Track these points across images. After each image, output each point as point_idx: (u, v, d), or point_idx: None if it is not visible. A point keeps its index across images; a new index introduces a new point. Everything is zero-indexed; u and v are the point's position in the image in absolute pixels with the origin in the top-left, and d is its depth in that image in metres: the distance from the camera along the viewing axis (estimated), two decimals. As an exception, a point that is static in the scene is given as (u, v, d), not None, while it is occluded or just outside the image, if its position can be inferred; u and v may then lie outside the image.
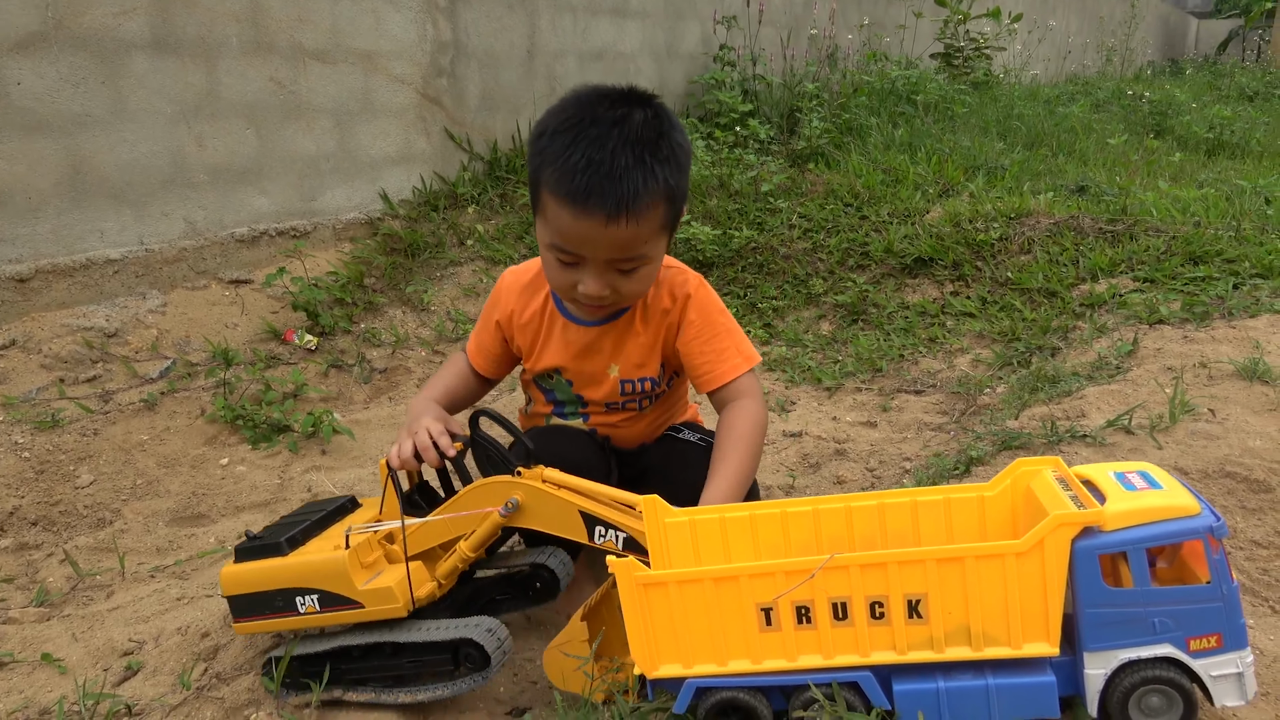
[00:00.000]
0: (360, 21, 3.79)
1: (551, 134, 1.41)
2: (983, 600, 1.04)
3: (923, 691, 1.06)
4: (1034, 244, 3.49)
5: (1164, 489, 1.05)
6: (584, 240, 1.42)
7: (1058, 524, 1.01)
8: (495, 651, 1.38)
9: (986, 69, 7.10)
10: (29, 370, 2.81)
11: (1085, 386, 2.28)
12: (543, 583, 1.57)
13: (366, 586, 1.43)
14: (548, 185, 1.41)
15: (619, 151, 1.37)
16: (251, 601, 1.48)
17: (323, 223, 3.77)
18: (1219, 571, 1.01)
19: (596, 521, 1.35)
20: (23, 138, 2.83)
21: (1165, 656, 1.02)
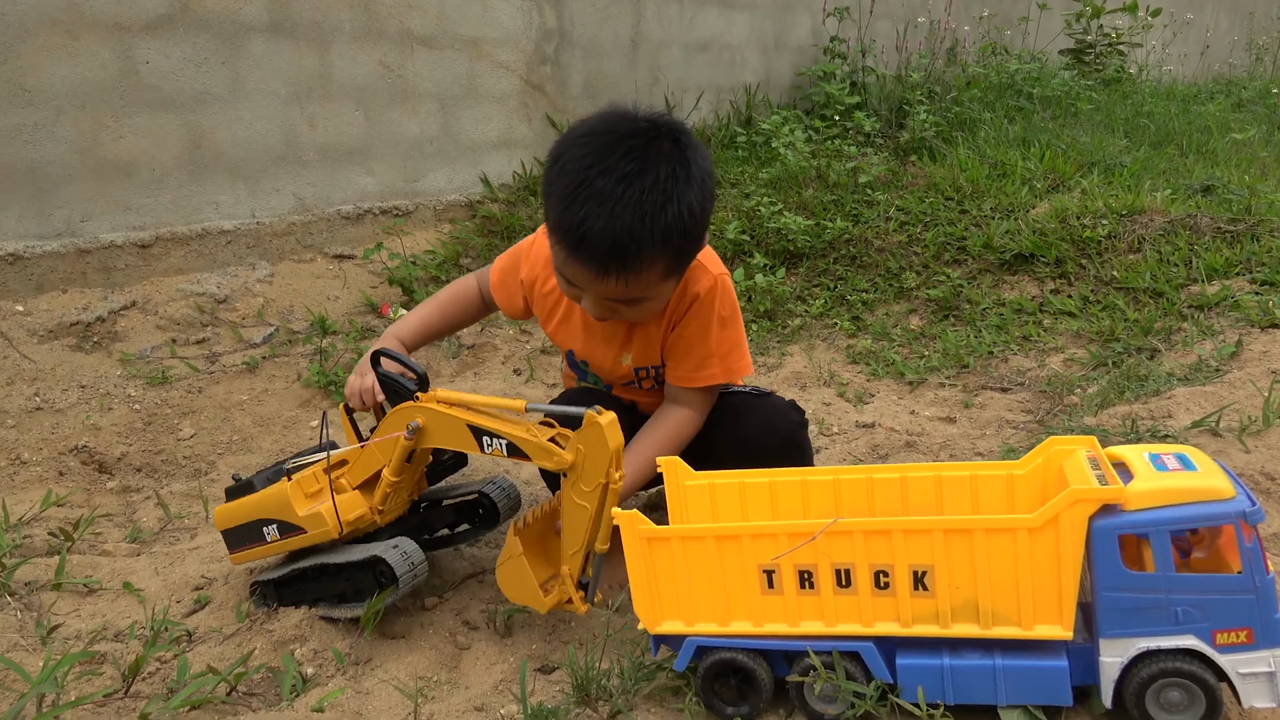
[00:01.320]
0: (467, 9, 3.91)
1: (562, 169, 1.38)
2: (992, 576, 1.00)
3: (927, 667, 1.03)
4: (1144, 242, 3.30)
5: (1198, 471, 0.99)
6: (576, 277, 1.42)
7: (1073, 500, 0.96)
8: (404, 571, 1.48)
9: (1120, 66, 6.75)
10: (146, 330, 3.02)
11: (1176, 387, 2.15)
12: (485, 509, 1.68)
13: (305, 513, 1.58)
14: (549, 219, 1.41)
15: (619, 213, 1.32)
16: (236, 534, 1.68)
17: (424, 203, 3.89)
18: (1252, 561, 0.94)
19: (483, 433, 1.41)
20: (149, 114, 3.03)
21: (1188, 649, 0.96)
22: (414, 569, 1.52)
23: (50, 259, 2.91)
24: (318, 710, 1.32)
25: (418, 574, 1.53)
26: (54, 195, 2.89)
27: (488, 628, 1.62)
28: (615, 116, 1.41)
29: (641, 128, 1.38)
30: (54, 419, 2.58)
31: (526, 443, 1.38)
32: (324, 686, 1.41)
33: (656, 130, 1.38)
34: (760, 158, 4.64)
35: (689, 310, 1.60)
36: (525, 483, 2.26)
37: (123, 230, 3.05)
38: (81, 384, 2.74)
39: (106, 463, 2.49)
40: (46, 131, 2.84)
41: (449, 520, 1.77)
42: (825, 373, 3.02)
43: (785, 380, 3.01)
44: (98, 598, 1.81)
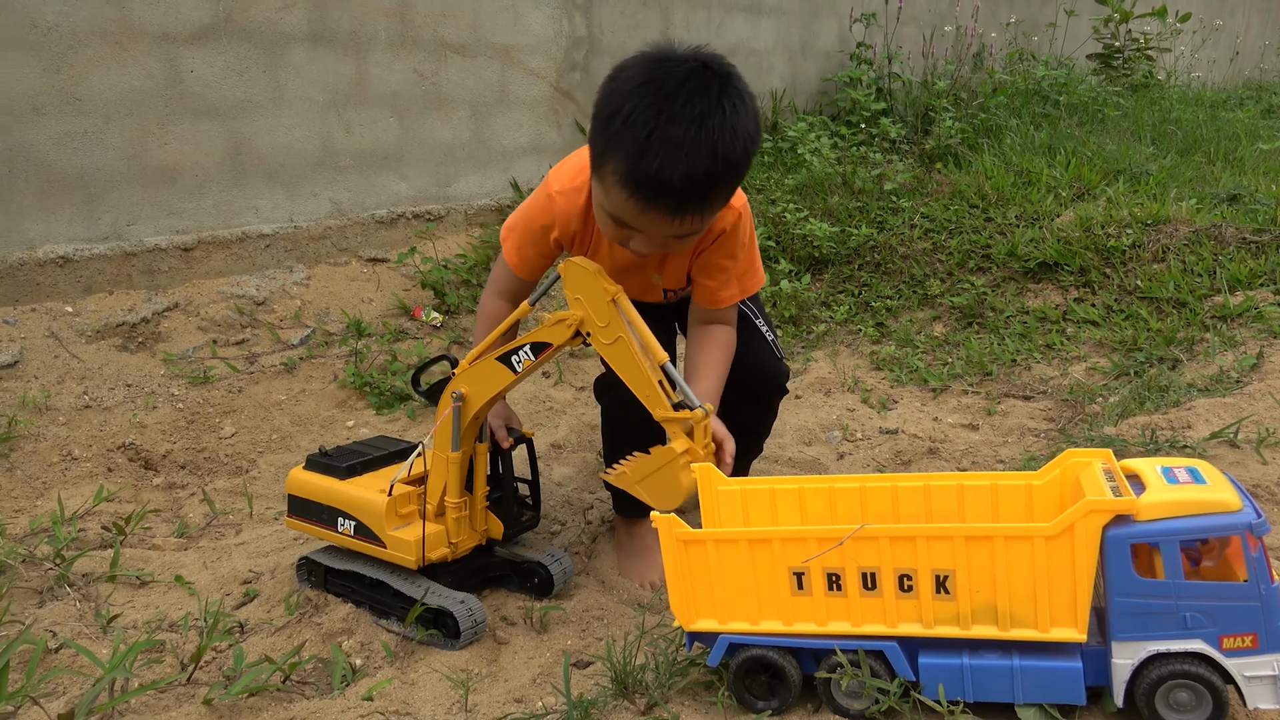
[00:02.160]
0: (500, 17, 3.98)
1: (625, 120, 1.38)
2: (1010, 581, 1.06)
3: (948, 666, 1.09)
4: (1169, 252, 3.33)
5: (1208, 484, 1.04)
6: (646, 224, 1.46)
7: (1088, 510, 1.01)
8: (466, 628, 1.60)
9: (1148, 71, 6.74)
10: (188, 331, 3.12)
11: (1196, 398, 2.19)
12: (540, 579, 1.77)
13: (393, 533, 1.66)
14: (618, 172, 1.41)
15: (695, 157, 1.36)
16: (305, 506, 1.76)
17: (455, 207, 3.98)
18: (1257, 570, 0.99)
19: (509, 357, 1.55)
20: (192, 121, 3.13)
21: (1196, 652, 1.02)
22: (475, 628, 1.62)
23: (98, 261, 3.01)
24: (367, 699, 1.39)
25: (478, 632, 1.63)
26: (102, 200, 2.99)
27: (525, 624, 1.69)
28: (662, 60, 1.43)
29: (694, 69, 1.41)
30: (102, 417, 2.67)
31: (539, 332, 1.52)
32: (372, 677, 1.49)
33: (707, 69, 1.41)
34: (786, 163, 4.69)
35: (715, 241, 1.69)
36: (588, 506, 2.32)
37: (166, 234, 3.15)
38: (127, 383, 2.83)
39: (152, 460, 2.58)
40: (96, 139, 2.94)
41: (505, 575, 1.84)
42: (850, 379, 3.07)
43: (810, 386, 3.07)
44: (150, 589, 1.90)
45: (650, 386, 1.45)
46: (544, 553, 1.81)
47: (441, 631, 1.62)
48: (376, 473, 1.77)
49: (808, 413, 2.81)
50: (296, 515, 1.80)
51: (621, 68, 1.46)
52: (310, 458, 1.79)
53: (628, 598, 1.76)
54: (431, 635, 1.62)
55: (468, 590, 1.69)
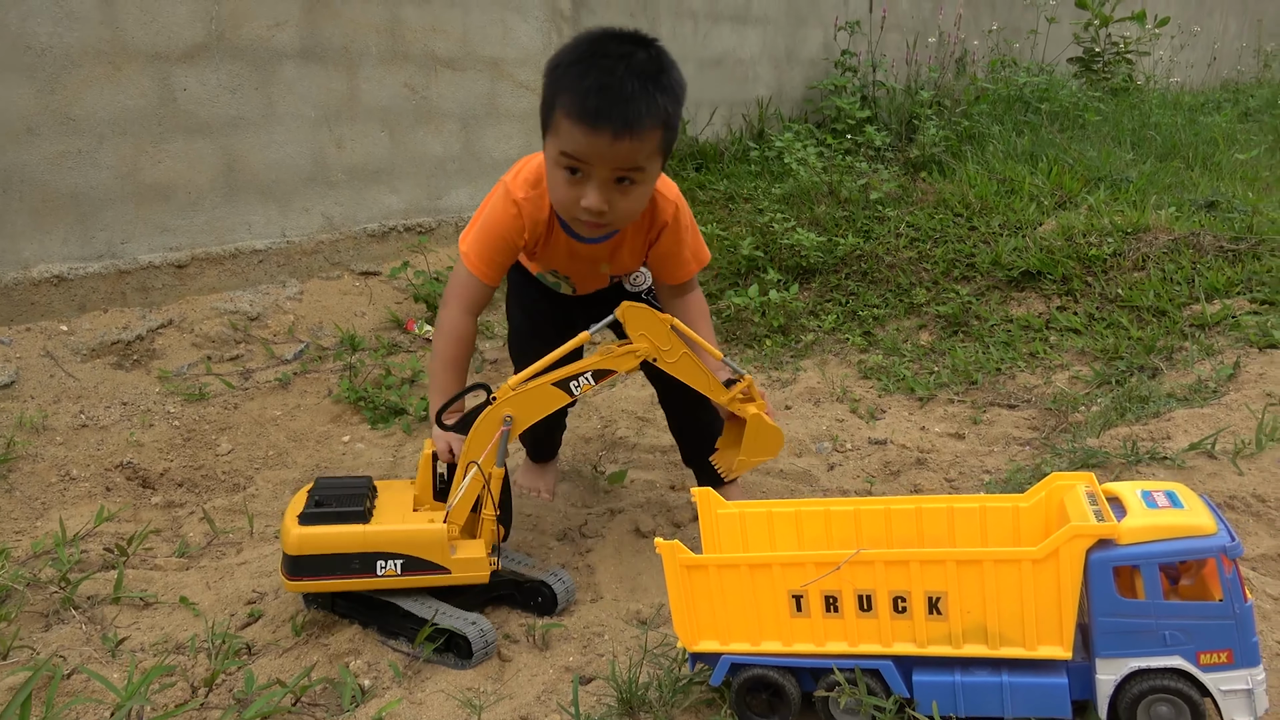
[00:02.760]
0: (489, 30, 4.02)
1: (567, 65, 1.65)
2: (1000, 602, 1.11)
3: (940, 684, 1.14)
4: (1149, 260, 3.40)
5: (1185, 508, 1.09)
6: (592, 154, 1.64)
7: (1073, 534, 1.07)
8: (479, 648, 1.64)
9: (1128, 74, 6.84)
10: (182, 348, 3.14)
11: (1175, 408, 2.25)
12: (544, 598, 1.81)
13: (456, 556, 1.67)
14: (563, 107, 1.64)
15: (626, 79, 1.60)
16: (322, 562, 1.67)
17: (446, 220, 4.01)
18: (1231, 590, 1.05)
19: (568, 382, 1.70)
20: (185, 139, 3.15)
21: (1175, 668, 1.07)
22: (487, 648, 1.65)
23: (92, 280, 3.03)
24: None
25: (489, 653, 1.66)
26: (96, 219, 3.01)
27: (527, 641, 1.73)
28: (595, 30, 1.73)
29: (623, 31, 1.71)
30: (99, 435, 2.69)
31: (605, 360, 1.71)
32: (381, 698, 1.53)
33: (635, 33, 1.71)
34: (773, 172, 4.74)
35: (662, 233, 1.95)
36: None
37: (160, 251, 3.18)
38: (123, 401, 2.85)
39: (150, 478, 2.60)
40: (90, 158, 2.96)
41: (509, 594, 1.86)
42: (838, 389, 3.12)
43: (800, 396, 3.12)
44: (154, 611, 1.93)
45: (710, 383, 1.79)
46: (547, 571, 1.85)
47: (453, 652, 1.66)
48: (381, 510, 1.75)
49: (798, 423, 2.86)
50: (308, 575, 1.68)
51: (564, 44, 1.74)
52: (305, 514, 1.68)
53: (627, 614, 1.81)
54: (443, 656, 1.65)
55: (471, 610, 1.73)
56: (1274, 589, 1.54)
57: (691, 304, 2.04)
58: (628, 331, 1.72)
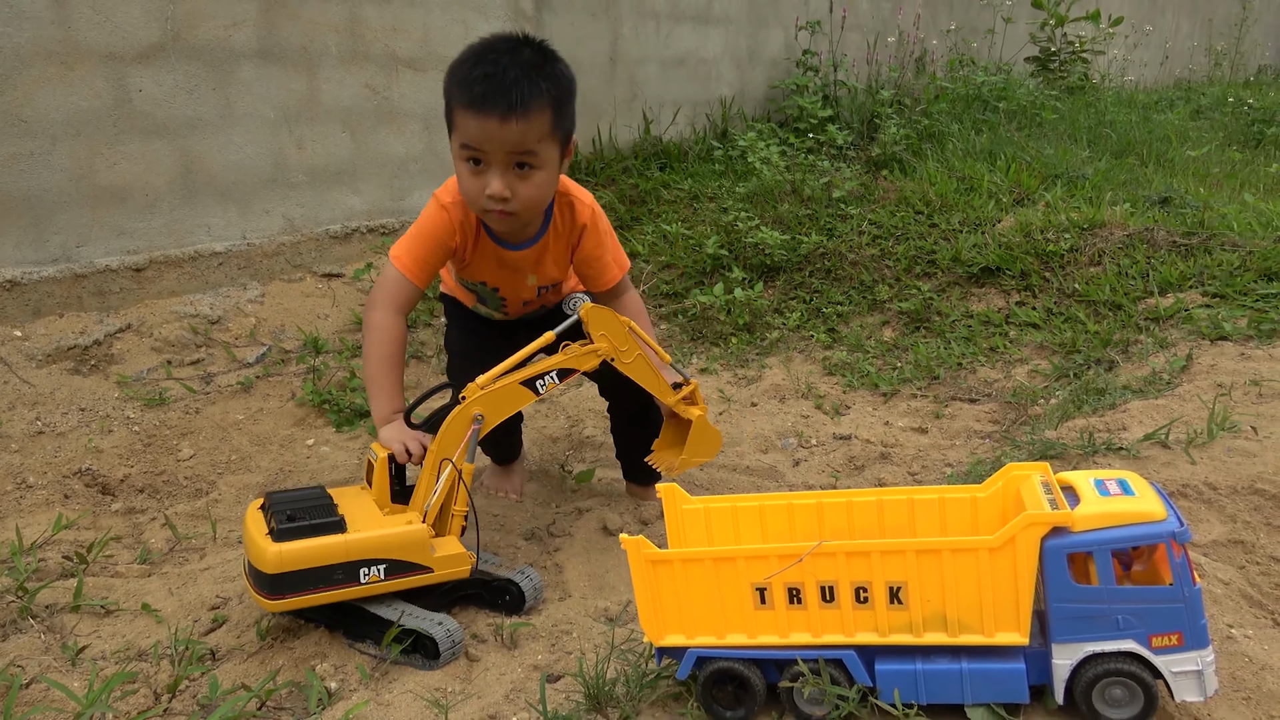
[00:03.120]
0: (450, 30, 4.00)
1: (457, 64, 1.81)
2: (958, 590, 1.13)
3: (902, 672, 1.16)
4: (1104, 256, 3.47)
5: (1136, 496, 1.12)
6: (485, 138, 1.75)
7: (1028, 523, 1.09)
8: (445, 649, 1.64)
9: (1083, 73, 6.96)
10: (141, 352, 3.09)
11: (1130, 400, 2.30)
12: (511, 597, 1.81)
13: (437, 555, 1.68)
14: (456, 100, 1.78)
15: (509, 68, 1.75)
16: (302, 578, 1.62)
17: (409, 220, 3.95)
18: (1181, 575, 1.08)
19: (534, 381, 1.78)
20: (142, 140, 3.11)
21: (1128, 651, 1.10)
22: (454, 648, 1.65)
23: (47, 284, 2.98)
24: (344, 722, 1.43)
25: (456, 653, 1.66)
26: (50, 222, 2.96)
27: (495, 640, 1.73)
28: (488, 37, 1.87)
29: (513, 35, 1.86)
30: (56, 442, 2.65)
31: (568, 360, 1.80)
32: (348, 700, 1.52)
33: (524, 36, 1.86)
34: (737, 171, 4.77)
35: (583, 235, 2.05)
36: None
37: (117, 254, 3.13)
38: (81, 407, 2.81)
39: (110, 485, 2.56)
40: (43, 160, 2.91)
41: (475, 593, 1.86)
42: (803, 385, 3.15)
43: (765, 393, 3.14)
44: (115, 618, 1.90)
45: (660, 384, 1.94)
46: (514, 570, 1.85)
47: (420, 653, 1.66)
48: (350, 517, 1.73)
49: (764, 420, 2.88)
50: (292, 592, 1.62)
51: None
52: (280, 530, 1.63)
53: (595, 612, 1.81)
54: (410, 657, 1.65)
55: (438, 610, 1.73)
56: (1225, 574, 1.58)
57: (629, 305, 2.13)
58: (589, 331, 1.80)
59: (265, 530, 1.68)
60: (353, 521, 1.71)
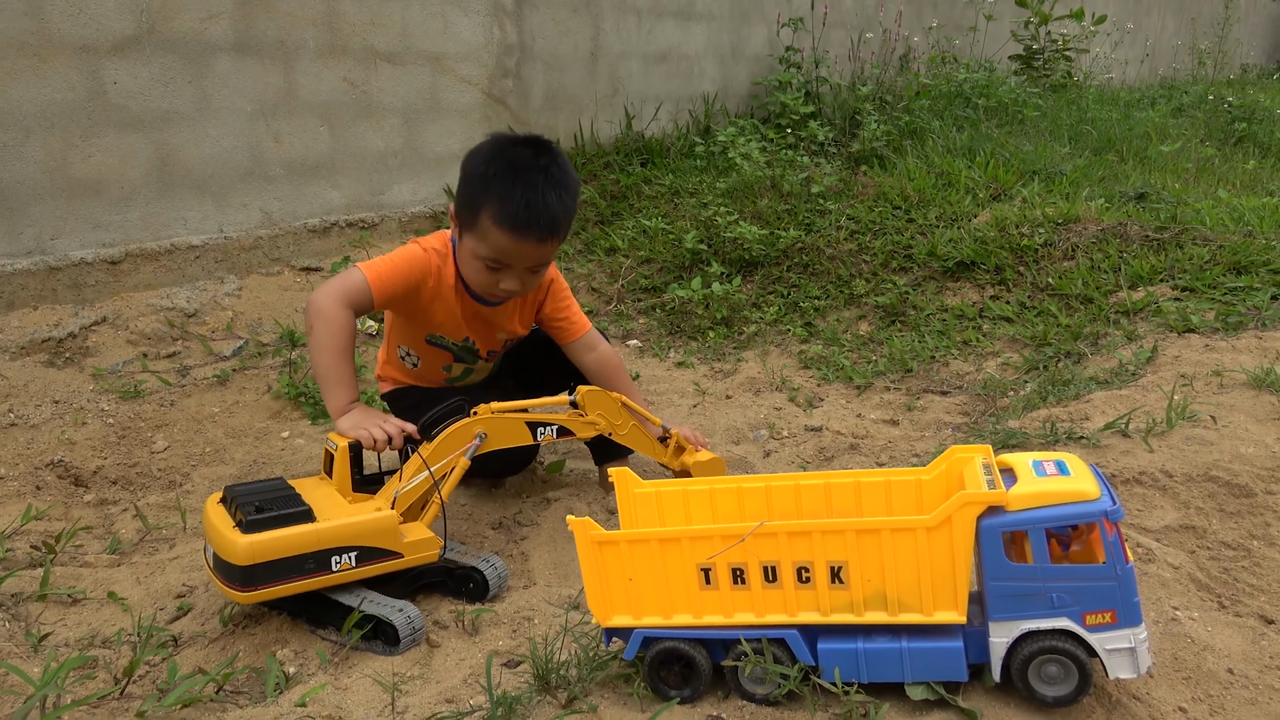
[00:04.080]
0: (430, 25, 4.01)
1: (491, 178, 1.88)
2: (898, 570, 1.14)
3: (844, 651, 1.17)
4: (1078, 250, 3.49)
5: (1071, 476, 1.14)
6: (518, 256, 1.93)
7: (963, 502, 1.11)
8: (405, 635, 1.65)
9: (1066, 71, 6.99)
10: (117, 345, 3.09)
11: (1094, 391, 2.32)
12: (475, 584, 1.82)
13: (406, 540, 1.71)
14: (493, 216, 1.88)
15: (546, 191, 1.88)
16: (274, 568, 1.61)
17: (389, 215, 4.00)
18: (1113, 553, 1.09)
19: (536, 425, 1.93)
20: (117, 133, 3.11)
21: (1063, 629, 1.11)
22: (414, 634, 1.66)
23: (21, 276, 2.98)
24: (300, 705, 1.43)
25: (416, 639, 1.67)
26: (24, 214, 2.96)
27: (456, 626, 1.74)
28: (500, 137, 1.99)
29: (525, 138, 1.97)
30: (29, 434, 2.65)
31: (571, 423, 1.97)
32: (306, 684, 1.53)
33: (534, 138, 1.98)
34: (718, 167, 4.79)
35: (549, 292, 2.23)
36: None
37: (92, 247, 3.13)
38: (55, 399, 2.81)
39: (83, 476, 2.56)
40: (15, 152, 2.91)
41: (439, 581, 1.86)
42: (778, 378, 3.17)
43: (740, 385, 3.16)
44: (82, 607, 1.91)
45: (654, 448, 2.14)
46: (479, 558, 1.86)
47: (381, 639, 1.67)
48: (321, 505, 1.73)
49: (736, 412, 2.90)
50: (264, 583, 1.61)
51: (473, 151, 1.97)
52: (247, 522, 1.62)
53: (558, 599, 1.82)
54: (371, 644, 1.66)
55: (402, 598, 1.74)
56: (1175, 559, 1.60)
57: (608, 359, 2.29)
58: (586, 412, 1.99)
59: (232, 523, 1.67)
60: (320, 511, 1.71)
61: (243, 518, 1.64)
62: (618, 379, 2.27)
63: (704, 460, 2.15)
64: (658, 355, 3.45)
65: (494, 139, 1.97)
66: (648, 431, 2.11)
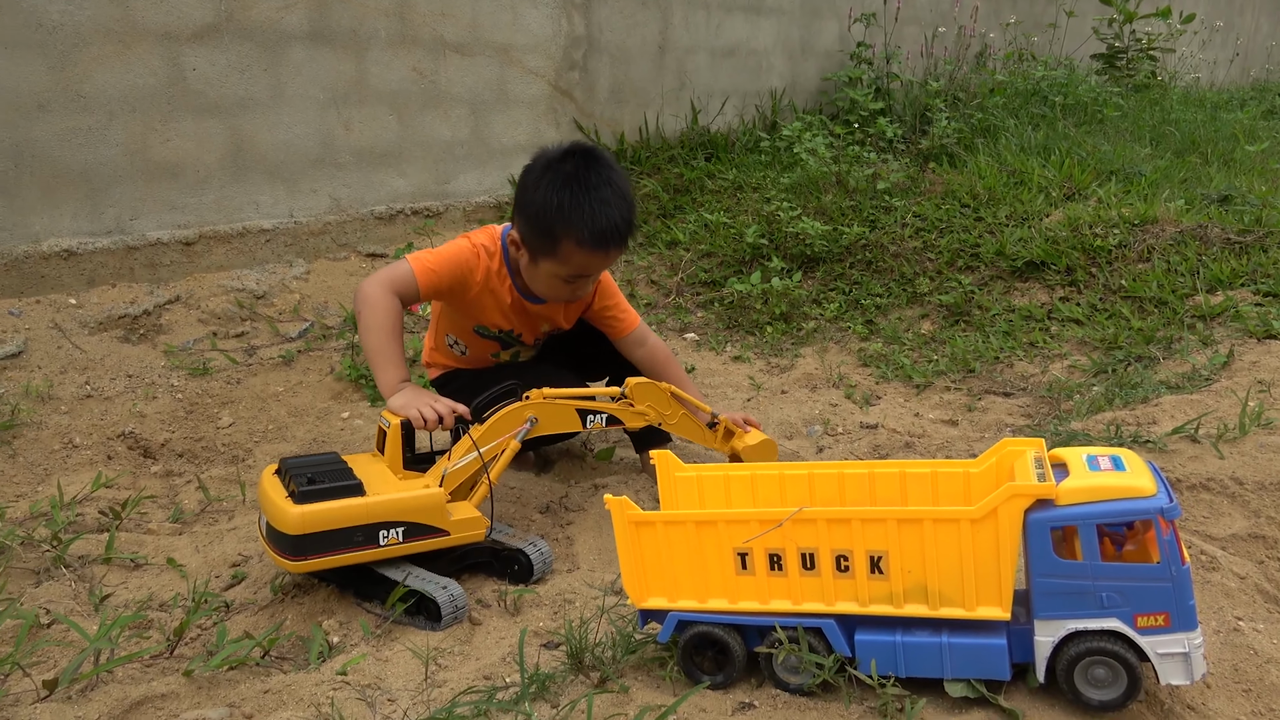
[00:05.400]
0: (499, 16, 4.05)
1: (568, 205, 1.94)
2: (940, 562, 1.11)
3: (882, 643, 1.14)
4: (1154, 252, 3.37)
5: (1127, 471, 1.09)
6: (596, 267, 2.04)
7: (1010, 494, 1.07)
8: (448, 613, 1.67)
9: (1151, 71, 6.76)
10: (188, 323, 3.19)
11: (1164, 394, 2.23)
12: (520, 566, 1.83)
13: (454, 518, 1.73)
14: (576, 241, 1.95)
15: (618, 206, 1.97)
16: (324, 539, 1.64)
17: (454, 204, 4.04)
18: (1169, 552, 1.05)
19: (586, 413, 1.95)
20: (194, 118, 3.20)
21: (1112, 630, 1.07)
22: (456, 612, 1.68)
23: (101, 255, 3.09)
24: (341, 674, 1.46)
25: (458, 616, 1.68)
26: (105, 195, 3.07)
27: (499, 606, 1.76)
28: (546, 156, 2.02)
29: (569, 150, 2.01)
30: (103, 406, 2.75)
31: (621, 412, 2.00)
32: (348, 653, 1.55)
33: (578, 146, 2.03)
34: (782, 162, 4.74)
35: (597, 291, 2.26)
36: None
37: (168, 228, 3.23)
38: (129, 374, 2.91)
39: (151, 448, 2.64)
40: (100, 135, 3.01)
41: (485, 562, 1.89)
42: (835, 375, 3.12)
43: (796, 381, 3.12)
44: (143, 572, 1.97)
45: (704, 435, 2.17)
46: (525, 540, 1.87)
47: (424, 615, 1.69)
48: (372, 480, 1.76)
49: (791, 407, 2.86)
50: (315, 553, 1.64)
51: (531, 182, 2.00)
52: (301, 493, 1.65)
53: (600, 583, 1.82)
54: (414, 619, 1.68)
55: (448, 576, 1.76)
56: (1241, 568, 1.53)
57: (657, 352, 2.34)
58: (635, 404, 2.04)
59: (285, 494, 1.71)
60: (370, 485, 1.74)
61: (295, 489, 1.68)
62: (669, 369, 2.30)
63: (754, 444, 2.16)
64: (714, 349, 3.43)
65: (546, 164, 2.00)
66: (697, 420, 2.14)
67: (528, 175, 2.02)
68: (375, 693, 1.42)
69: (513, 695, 1.32)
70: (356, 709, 1.37)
